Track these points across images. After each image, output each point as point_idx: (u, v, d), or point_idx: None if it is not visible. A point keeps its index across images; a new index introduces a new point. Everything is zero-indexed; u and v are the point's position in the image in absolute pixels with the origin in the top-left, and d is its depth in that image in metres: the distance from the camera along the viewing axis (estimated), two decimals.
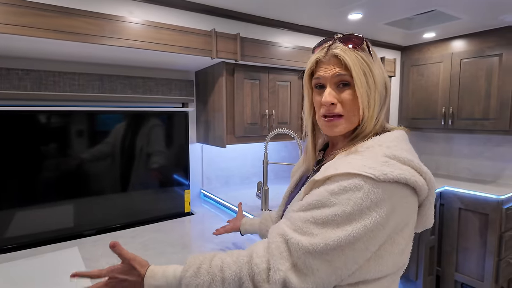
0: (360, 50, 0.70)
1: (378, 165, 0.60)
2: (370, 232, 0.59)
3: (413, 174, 0.61)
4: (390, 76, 2.72)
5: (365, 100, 0.68)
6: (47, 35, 1.24)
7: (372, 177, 0.58)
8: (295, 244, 0.60)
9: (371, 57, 0.71)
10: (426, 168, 0.64)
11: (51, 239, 1.49)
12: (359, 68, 0.68)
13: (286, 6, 1.76)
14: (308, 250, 0.59)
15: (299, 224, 0.62)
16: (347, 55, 0.69)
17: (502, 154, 2.57)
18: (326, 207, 0.61)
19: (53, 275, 1.15)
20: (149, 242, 1.46)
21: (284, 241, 0.62)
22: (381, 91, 0.70)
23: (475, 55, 2.36)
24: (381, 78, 0.71)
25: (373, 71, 0.69)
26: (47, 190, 1.54)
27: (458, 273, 2.43)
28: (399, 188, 0.61)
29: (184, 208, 1.92)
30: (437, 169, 3.00)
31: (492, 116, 2.30)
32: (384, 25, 2.12)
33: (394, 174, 0.59)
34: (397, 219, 0.62)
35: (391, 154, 0.63)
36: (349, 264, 0.60)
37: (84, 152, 1.63)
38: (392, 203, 0.60)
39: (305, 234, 0.61)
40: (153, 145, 1.83)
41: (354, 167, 0.61)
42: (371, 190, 0.58)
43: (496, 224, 2.19)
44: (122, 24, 1.40)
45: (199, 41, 1.60)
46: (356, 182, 0.59)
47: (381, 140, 0.67)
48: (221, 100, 1.82)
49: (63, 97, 1.61)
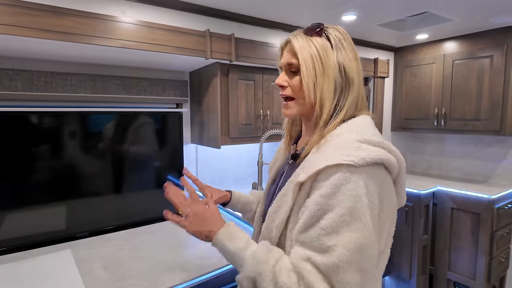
0: (316, 37, 0.72)
1: (353, 151, 0.63)
2: (377, 219, 0.62)
3: (385, 154, 0.64)
4: (383, 77, 2.74)
5: (310, 85, 0.71)
6: (38, 34, 1.22)
7: (352, 164, 0.61)
8: (323, 265, 0.59)
9: (330, 44, 0.72)
10: (395, 148, 0.68)
11: (43, 241, 1.47)
12: (308, 54, 0.71)
13: (281, 7, 1.77)
14: (336, 265, 0.58)
15: (315, 243, 0.61)
16: (298, 41, 0.73)
17: (493, 154, 2.61)
18: (329, 212, 0.61)
19: (45, 279, 1.13)
20: (142, 244, 1.45)
21: (311, 264, 0.61)
22: (335, 78, 0.71)
23: (466, 56, 2.39)
24: (336, 66, 0.71)
25: (324, 58, 0.70)
26: (39, 192, 1.52)
27: (451, 272, 2.45)
28: (377, 168, 0.64)
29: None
30: (429, 169, 3.03)
31: (483, 117, 2.33)
32: (377, 26, 2.13)
33: (371, 157, 0.62)
34: (387, 197, 0.65)
35: (362, 139, 0.65)
36: (373, 259, 0.62)
37: (76, 153, 1.61)
38: (377, 183, 0.63)
39: (325, 251, 0.60)
40: (147, 146, 1.82)
41: (332, 158, 0.63)
42: (357, 177, 0.61)
43: (487, 223, 2.22)
44: (114, 24, 1.38)
45: (193, 42, 1.60)
46: (342, 175, 0.61)
47: (350, 127, 0.70)
48: (216, 101, 1.81)
49: (55, 97, 1.59)
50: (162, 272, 1.18)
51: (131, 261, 1.28)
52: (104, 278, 1.14)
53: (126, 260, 1.29)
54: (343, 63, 0.71)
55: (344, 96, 0.72)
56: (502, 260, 2.38)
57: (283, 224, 0.70)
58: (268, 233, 0.74)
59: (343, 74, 0.71)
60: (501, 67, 2.21)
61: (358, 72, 0.74)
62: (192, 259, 1.29)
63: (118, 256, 1.33)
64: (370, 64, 2.59)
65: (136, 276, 1.16)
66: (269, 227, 0.74)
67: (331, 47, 0.71)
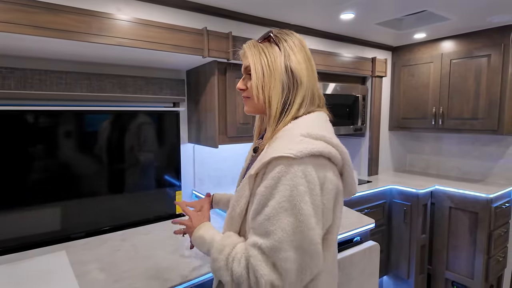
0: (266, 43, 0.83)
1: (295, 144, 0.71)
2: (319, 203, 0.71)
3: (325, 147, 0.73)
4: (381, 76, 2.74)
5: (259, 86, 0.80)
6: (33, 32, 1.20)
7: (292, 156, 0.69)
8: (266, 248, 0.69)
9: (277, 48, 0.81)
10: (337, 141, 0.76)
11: (38, 242, 1.44)
12: (258, 59, 0.80)
13: (279, 6, 1.75)
14: (275, 246, 0.68)
15: (261, 229, 0.70)
16: (250, 49, 0.83)
17: (490, 153, 2.61)
18: (271, 199, 0.70)
19: (39, 281, 1.11)
20: (139, 245, 1.43)
21: (257, 249, 0.70)
22: (282, 79, 0.79)
23: (464, 55, 2.40)
24: (282, 67, 0.80)
25: (271, 61, 0.80)
26: (33, 192, 1.49)
27: (449, 271, 2.45)
28: (316, 159, 0.72)
29: (176, 209, 1.88)
30: (427, 168, 3.04)
31: (481, 116, 2.33)
32: (375, 25, 2.13)
33: (309, 149, 0.70)
34: (328, 184, 0.73)
35: (306, 133, 0.74)
36: (313, 239, 0.69)
37: (71, 153, 1.58)
38: (316, 172, 0.71)
39: (268, 234, 0.69)
40: (143, 146, 1.80)
41: (277, 151, 0.71)
42: (295, 168, 0.69)
43: (485, 223, 2.22)
44: (110, 22, 1.36)
45: (190, 40, 1.58)
46: (282, 167, 0.70)
47: (298, 123, 0.78)
48: (213, 100, 1.79)
49: (49, 96, 1.56)
50: (159, 274, 1.16)
51: (128, 262, 1.26)
52: (100, 280, 1.12)
53: (122, 261, 1.27)
54: (290, 65, 0.80)
55: (292, 94, 0.80)
56: (499, 259, 2.38)
57: (242, 213, 0.79)
58: (230, 220, 0.82)
59: (290, 75, 0.80)
60: (499, 66, 2.22)
61: (308, 72, 0.82)
62: (190, 260, 1.27)
63: (115, 257, 1.31)
64: (367, 63, 2.58)
65: (133, 277, 1.14)
66: (231, 214, 0.82)
67: (279, 51, 0.81)
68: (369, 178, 2.73)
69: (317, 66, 0.87)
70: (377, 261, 1.60)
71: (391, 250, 2.57)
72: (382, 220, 2.49)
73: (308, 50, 0.85)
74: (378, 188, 2.43)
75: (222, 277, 0.75)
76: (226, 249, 0.76)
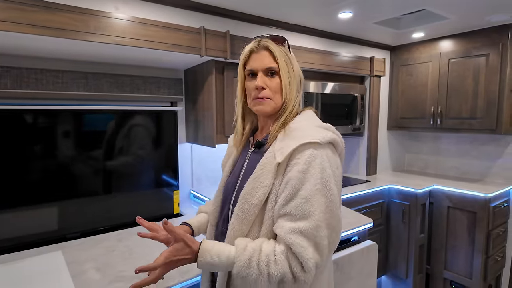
0: (283, 47, 0.89)
1: (316, 132, 0.80)
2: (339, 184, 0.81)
3: (334, 136, 0.82)
4: (379, 76, 2.73)
5: (287, 85, 0.86)
6: (30, 30, 1.19)
7: (319, 142, 0.77)
8: (308, 230, 0.72)
9: (290, 53, 0.90)
10: (337, 131, 0.86)
11: (34, 243, 1.43)
12: (284, 60, 0.86)
13: (276, 4, 1.75)
14: (317, 226, 0.73)
15: (298, 212, 0.73)
16: (275, 48, 0.87)
17: (489, 153, 2.61)
18: (306, 182, 0.74)
19: (34, 281, 1.10)
20: (134, 245, 1.42)
21: (298, 234, 0.72)
22: (297, 80, 0.89)
23: (462, 55, 2.39)
24: (298, 70, 0.90)
25: (293, 64, 0.88)
26: (30, 192, 1.48)
27: (447, 271, 2.45)
28: (330, 146, 0.81)
29: (173, 209, 1.88)
30: (426, 168, 3.03)
31: (479, 116, 2.33)
32: (373, 24, 2.12)
33: (328, 137, 0.80)
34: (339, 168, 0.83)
35: (318, 124, 0.85)
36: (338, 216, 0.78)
37: (68, 153, 1.57)
38: (334, 156, 0.81)
39: (308, 216, 0.73)
40: (141, 145, 1.79)
41: (304, 138, 0.78)
42: (322, 152, 0.77)
43: (483, 222, 2.22)
44: (107, 20, 1.35)
45: (187, 38, 1.57)
46: (311, 151, 0.76)
47: (305, 117, 0.87)
48: (211, 99, 1.78)
49: (46, 95, 1.55)
50: None
51: (124, 262, 1.25)
52: (95, 280, 1.11)
53: (118, 262, 1.26)
54: (299, 69, 0.91)
55: (298, 94, 0.90)
56: (498, 259, 2.38)
57: (260, 204, 0.79)
58: (243, 214, 0.81)
59: (299, 79, 0.90)
60: (497, 65, 2.22)
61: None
62: None
63: (110, 257, 1.30)
64: (366, 62, 2.58)
65: (128, 277, 1.13)
66: (244, 208, 0.81)
67: (293, 55, 0.90)
68: (368, 178, 2.72)
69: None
70: (375, 261, 1.60)
71: (389, 250, 2.56)
72: (380, 220, 2.49)
73: None
74: (376, 188, 2.42)
75: (260, 285, 0.74)
76: (253, 259, 0.74)
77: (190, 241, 0.79)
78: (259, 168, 0.82)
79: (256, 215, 0.80)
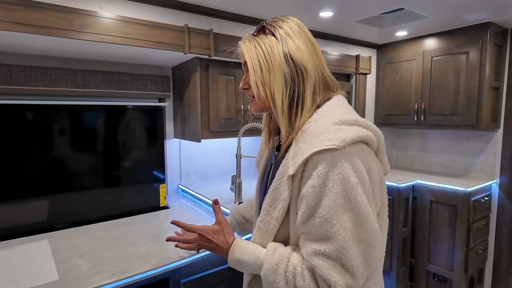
0: (261, 35, 0.76)
1: (333, 134, 0.65)
2: (370, 191, 0.67)
3: (363, 131, 0.68)
4: (365, 74, 2.79)
5: (258, 83, 0.74)
6: (15, 28, 1.24)
7: (335, 147, 0.64)
8: (331, 252, 0.64)
9: (274, 37, 0.75)
10: (370, 123, 0.72)
11: (23, 232, 1.49)
12: (254, 54, 0.74)
13: (259, 3, 1.80)
14: (342, 247, 0.63)
15: (319, 233, 0.65)
16: (245, 45, 0.77)
17: (471, 148, 2.67)
18: (324, 198, 0.64)
19: (18, 266, 1.16)
20: (120, 235, 1.48)
21: (321, 256, 0.65)
22: (282, 70, 0.73)
23: (444, 53, 2.45)
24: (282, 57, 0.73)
25: (269, 54, 0.73)
26: (19, 185, 1.54)
27: (430, 264, 2.51)
28: (358, 146, 0.67)
29: (160, 202, 1.94)
30: (412, 164, 3.09)
31: (460, 112, 2.39)
32: (355, 23, 2.18)
33: (350, 136, 0.65)
34: (374, 170, 0.69)
35: (339, 120, 0.69)
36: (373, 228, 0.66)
37: (57, 147, 1.63)
38: (362, 160, 0.66)
39: (329, 237, 0.64)
40: (128, 140, 1.85)
41: (315, 145, 0.65)
42: (341, 159, 0.64)
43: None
44: (92, 19, 1.41)
45: (171, 36, 1.63)
46: (326, 162, 0.64)
47: (325, 111, 0.73)
48: (196, 95, 1.84)
49: (35, 91, 1.61)
50: (135, 260, 1.21)
51: (107, 250, 1.31)
52: (78, 265, 1.17)
53: (102, 249, 1.32)
54: (289, 52, 0.73)
55: (299, 84, 0.73)
56: (479, 252, 2.44)
57: (281, 218, 0.72)
58: (265, 226, 0.75)
59: (291, 63, 0.73)
60: (477, 63, 2.28)
61: (312, 56, 0.75)
62: (168, 248, 1.32)
63: (95, 245, 1.36)
64: (351, 60, 2.63)
65: (109, 263, 1.19)
66: (265, 220, 0.75)
67: (276, 40, 0.74)
68: None
69: None
70: None
71: None
72: None
73: (309, 32, 0.78)
74: None
75: None
76: (281, 266, 0.69)
77: (227, 231, 0.79)
78: (277, 178, 0.73)
79: (277, 229, 0.73)
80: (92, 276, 1.09)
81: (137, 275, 1.13)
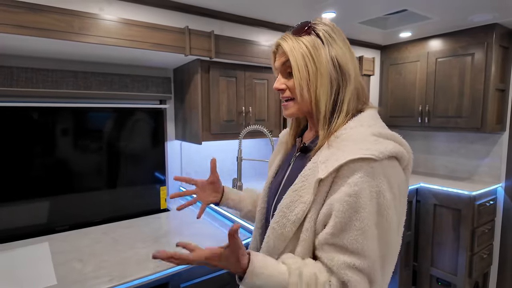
0: (305, 36, 0.72)
1: (372, 144, 0.64)
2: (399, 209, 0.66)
3: (398, 147, 0.66)
4: (368, 75, 2.77)
5: (303, 85, 0.71)
6: (15, 31, 1.24)
7: (374, 158, 0.62)
8: (366, 267, 0.62)
9: (320, 40, 0.71)
10: (404, 140, 0.70)
11: (25, 234, 1.49)
12: (299, 54, 0.71)
13: (261, 5, 1.79)
14: (374, 261, 0.63)
15: (355, 246, 0.62)
16: (287, 43, 0.73)
17: (476, 151, 2.64)
18: (361, 210, 0.62)
19: (18, 269, 1.16)
20: (120, 238, 1.48)
21: (354, 271, 0.62)
22: (329, 74, 0.70)
23: (449, 54, 2.42)
24: (329, 60, 0.71)
25: (316, 56, 0.71)
26: (20, 187, 1.54)
27: (434, 268, 2.48)
28: (393, 161, 0.65)
29: (160, 204, 1.93)
30: (416, 166, 3.06)
31: (464, 114, 2.36)
32: (359, 24, 2.16)
33: (388, 150, 0.64)
34: (403, 188, 0.67)
35: (377, 132, 0.67)
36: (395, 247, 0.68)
37: (58, 149, 1.63)
38: (395, 175, 0.65)
39: (364, 251, 0.62)
40: (129, 142, 1.84)
41: (354, 152, 0.63)
42: (378, 171, 0.62)
43: (468, 220, 2.25)
44: (91, 21, 1.40)
45: (171, 38, 1.62)
46: (365, 171, 0.62)
47: (362, 120, 0.70)
48: (197, 97, 1.83)
49: (36, 93, 1.61)
50: (135, 264, 1.21)
51: (107, 253, 1.30)
52: (77, 269, 1.17)
53: (101, 252, 1.31)
54: (336, 57, 0.71)
55: (342, 90, 0.72)
56: (484, 256, 2.40)
57: (298, 222, 0.69)
58: (280, 229, 0.71)
59: (338, 69, 0.71)
60: (482, 64, 2.24)
61: (353, 62, 0.73)
62: (171, 249, 1.31)
63: (95, 248, 1.36)
64: None
65: (108, 267, 1.18)
66: (281, 222, 0.71)
67: (322, 43, 0.71)
68: None
69: None
70: None
71: None
72: None
73: (346, 39, 0.76)
74: None
75: None
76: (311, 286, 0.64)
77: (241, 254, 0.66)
78: (299, 179, 0.70)
79: (293, 232, 0.70)
80: (90, 280, 1.09)
81: (136, 280, 1.12)
